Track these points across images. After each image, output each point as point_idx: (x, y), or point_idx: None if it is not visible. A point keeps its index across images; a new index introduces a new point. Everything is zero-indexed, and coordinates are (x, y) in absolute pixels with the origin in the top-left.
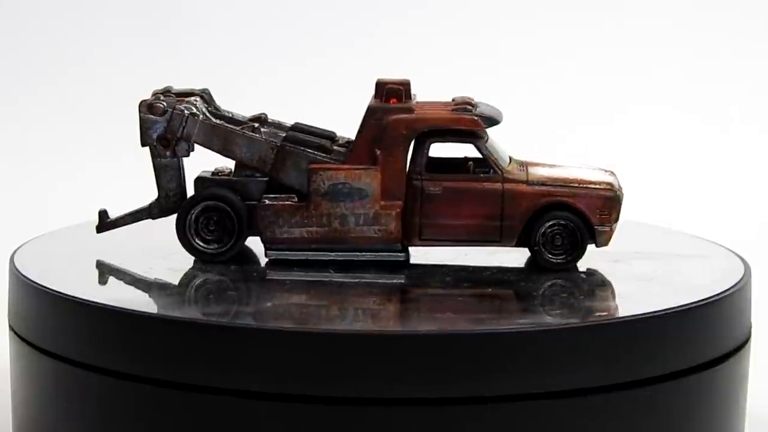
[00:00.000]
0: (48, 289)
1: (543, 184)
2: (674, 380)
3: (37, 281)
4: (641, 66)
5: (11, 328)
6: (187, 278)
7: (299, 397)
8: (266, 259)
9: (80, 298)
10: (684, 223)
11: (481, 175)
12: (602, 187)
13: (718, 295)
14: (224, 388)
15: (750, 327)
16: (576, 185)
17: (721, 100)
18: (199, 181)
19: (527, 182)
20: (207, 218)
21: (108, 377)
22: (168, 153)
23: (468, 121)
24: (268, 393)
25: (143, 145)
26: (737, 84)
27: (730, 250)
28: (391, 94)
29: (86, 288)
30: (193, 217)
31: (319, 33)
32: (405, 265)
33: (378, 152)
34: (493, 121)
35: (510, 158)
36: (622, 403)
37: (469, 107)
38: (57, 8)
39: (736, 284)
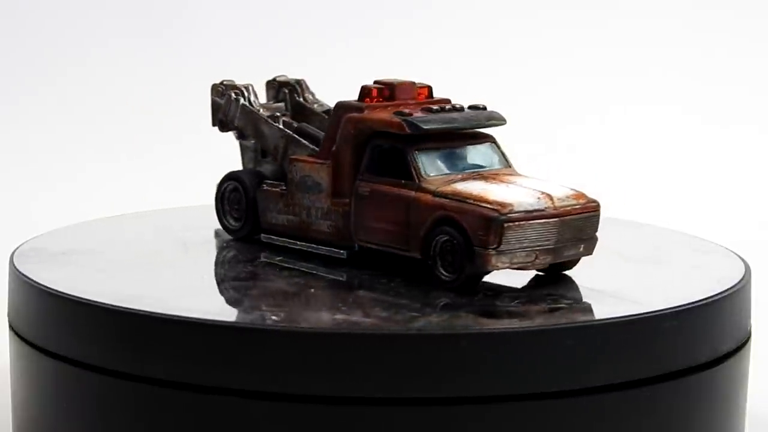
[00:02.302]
0: (48, 289)
1: (444, 196)
2: (674, 380)
3: (37, 281)
4: (642, 66)
5: (11, 328)
6: (187, 276)
7: (299, 397)
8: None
9: (80, 298)
10: (684, 223)
11: (402, 181)
12: (489, 206)
13: (718, 295)
14: (224, 388)
15: (750, 327)
16: (470, 201)
17: (721, 100)
18: (258, 163)
19: (434, 193)
20: (234, 197)
21: (108, 377)
22: (236, 134)
23: (396, 125)
24: (268, 393)
25: (212, 125)
26: (737, 84)
27: (730, 250)
28: (365, 93)
29: (86, 288)
30: (225, 194)
31: (320, 33)
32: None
33: (333, 148)
34: (419, 128)
35: (502, 169)
36: (622, 403)
37: (406, 112)
38: (56, 8)
39: (736, 284)
